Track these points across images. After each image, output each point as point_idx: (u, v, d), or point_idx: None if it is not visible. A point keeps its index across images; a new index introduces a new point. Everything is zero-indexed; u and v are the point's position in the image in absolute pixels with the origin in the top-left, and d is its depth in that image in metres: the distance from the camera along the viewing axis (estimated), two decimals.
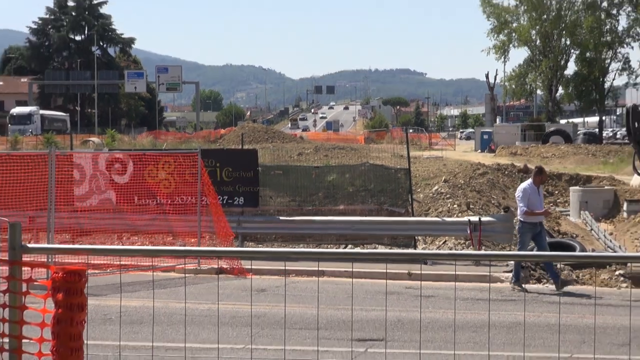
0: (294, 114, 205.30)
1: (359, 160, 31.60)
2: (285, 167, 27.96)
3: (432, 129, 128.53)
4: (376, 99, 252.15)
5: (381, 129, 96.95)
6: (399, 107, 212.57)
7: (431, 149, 60.43)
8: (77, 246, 10.50)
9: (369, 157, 33.12)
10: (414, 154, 31.25)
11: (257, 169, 22.35)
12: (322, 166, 30.08)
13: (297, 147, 41.79)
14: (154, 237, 20.18)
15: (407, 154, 25.27)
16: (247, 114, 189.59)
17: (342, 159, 35.09)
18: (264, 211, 23.10)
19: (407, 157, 25.12)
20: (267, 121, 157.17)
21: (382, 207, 24.20)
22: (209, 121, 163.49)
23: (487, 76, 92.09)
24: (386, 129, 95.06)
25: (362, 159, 32.04)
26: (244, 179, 21.76)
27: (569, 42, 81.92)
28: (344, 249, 21.76)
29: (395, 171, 25.95)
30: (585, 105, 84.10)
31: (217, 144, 53.93)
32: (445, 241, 23.49)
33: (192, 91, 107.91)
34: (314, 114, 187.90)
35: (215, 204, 18.97)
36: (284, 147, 40.12)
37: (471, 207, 26.57)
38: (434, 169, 33.69)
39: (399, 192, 24.84)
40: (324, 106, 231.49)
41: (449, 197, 27.69)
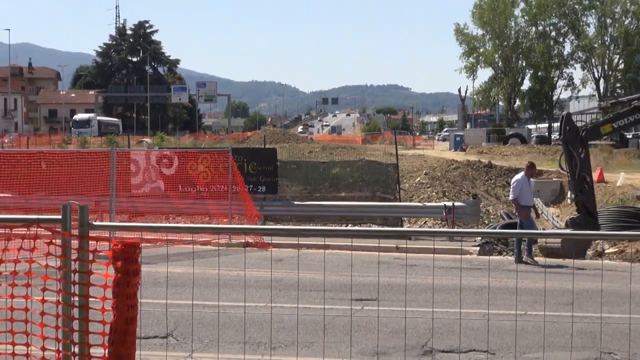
0: (305, 120, 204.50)
1: (357, 157, 31.53)
2: (298, 162, 27.93)
3: (416, 132, 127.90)
4: (371, 109, 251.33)
5: (375, 132, 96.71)
6: (389, 115, 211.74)
7: (415, 148, 60.08)
8: (133, 224, 10.49)
9: (365, 154, 33.07)
10: (401, 152, 31.15)
11: (277, 163, 22.34)
12: (328, 162, 30.05)
13: (308, 147, 41.66)
14: (194, 218, 20.20)
15: (396, 152, 25.27)
16: (269, 120, 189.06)
17: (344, 156, 35.01)
18: (282, 197, 23.10)
19: (396, 154, 25.11)
20: (284, 126, 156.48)
21: (375, 194, 24.18)
22: (238, 126, 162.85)
23: (459, 90, 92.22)
24: (379, 133, 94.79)
25: (360, 156, 31.98)
26: (265, 172, 21.75)
27: (524, 64, 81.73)
28: (345, 227, 21.76)
29: (386, 166, 25.92)
30: (537, 114, 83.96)
31: (245, 144, 53.72)
32: (425, 221, 23.49)
33: (224, 102, 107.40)
34: (319, 122, 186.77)
35: (243, 191, 18.97)
36: (298, 147, 40.02)
37: (446, 194, 26.54)
38: (416, 164, 33.58)
39: (389, 183, 24.80)
40: (329, 114, 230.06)
41: (428, 186, 27.64)
